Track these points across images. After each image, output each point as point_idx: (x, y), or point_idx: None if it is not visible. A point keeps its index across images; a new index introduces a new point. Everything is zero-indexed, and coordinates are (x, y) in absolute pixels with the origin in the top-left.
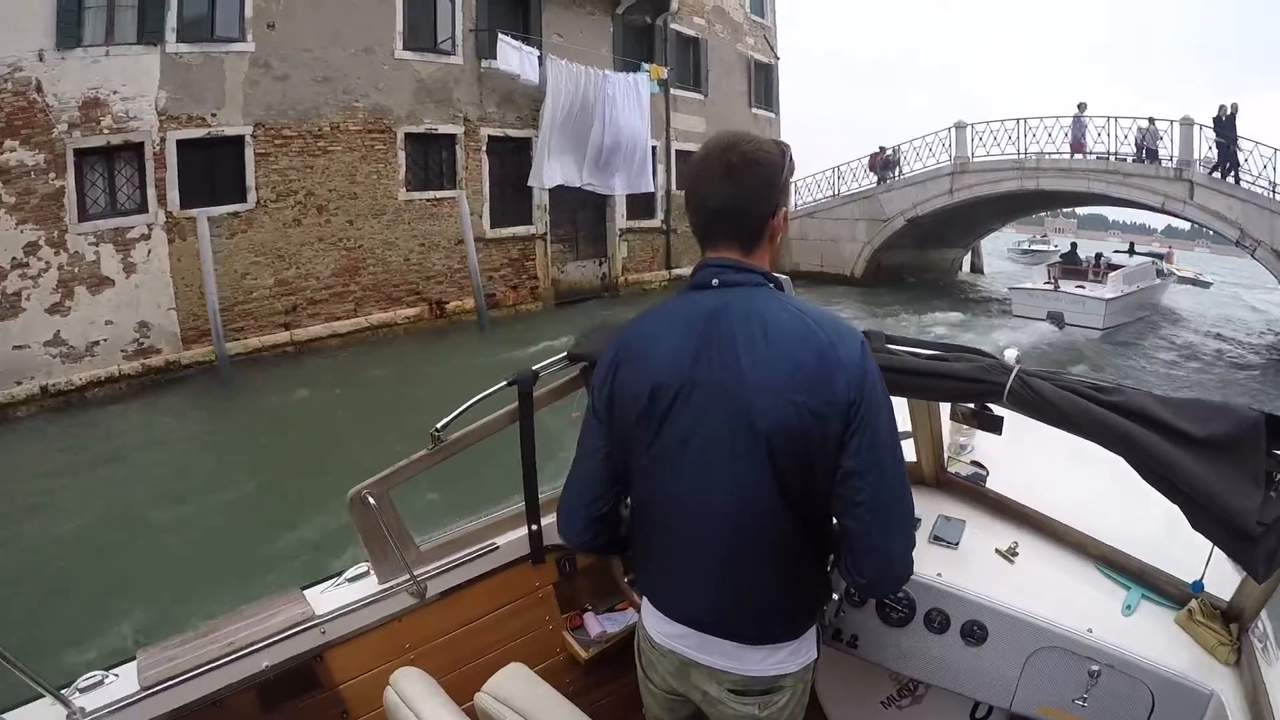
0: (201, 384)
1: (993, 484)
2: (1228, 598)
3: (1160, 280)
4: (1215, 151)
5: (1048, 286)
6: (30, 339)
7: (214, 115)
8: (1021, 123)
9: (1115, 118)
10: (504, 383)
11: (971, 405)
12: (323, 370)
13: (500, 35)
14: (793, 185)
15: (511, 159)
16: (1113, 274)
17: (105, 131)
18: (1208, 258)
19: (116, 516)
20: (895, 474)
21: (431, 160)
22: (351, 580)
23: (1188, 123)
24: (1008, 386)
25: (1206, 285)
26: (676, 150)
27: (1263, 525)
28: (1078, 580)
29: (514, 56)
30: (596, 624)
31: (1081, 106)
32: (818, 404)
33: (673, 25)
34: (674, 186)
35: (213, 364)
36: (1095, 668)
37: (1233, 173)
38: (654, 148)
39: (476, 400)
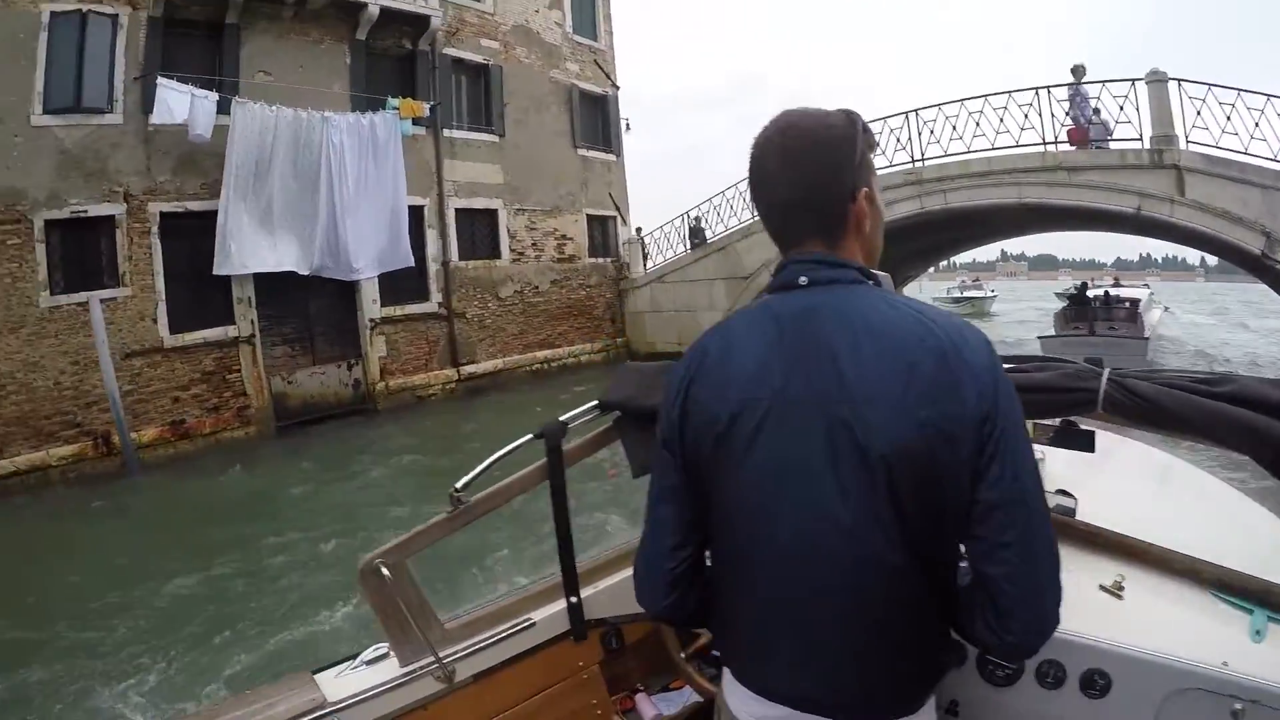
0: None
1: (1080, 514)
2: None
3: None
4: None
5: (1079, 332)
6: None
7: None
8: (912, 117)
9: (1048, 88)
10: (530, 436)
11: (1055, 421)
12: None
13: (160, 79)
14: (872, 160)
15: (197, 240)
16: (1141, 309)
17: None
18: (1158, 285)
19: None
20: (1041, 507)
21: (86, 252)
22: (370, 663)
23: (1159, 78)
24: (1101, 391)
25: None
26: (457, 209)
27: None
28: (1195, 611)
29: (179, 103)
30: (651, 706)
31: (1077, 71)
32: (944, 419)
33: (448, 50)
34: (454, 256)
35: None
36: (1239, 706)
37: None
38: (419, 208)
39: (500, 456)
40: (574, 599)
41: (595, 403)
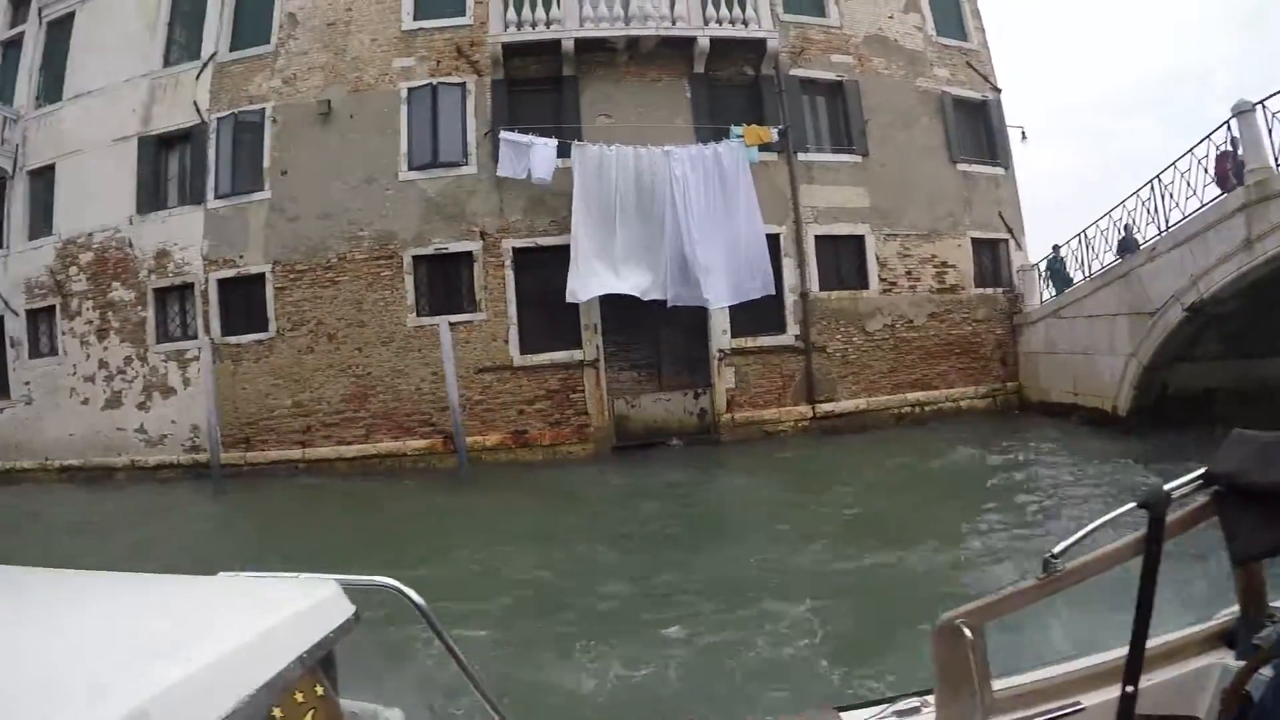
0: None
1: None
2: None
3: None
4: None
5: None
6: (126, 425)
7: (241, 257)
8: None
9: None
10: (1132, 504)
11: None
12: (310, 490)
13: (502, 133)
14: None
15: (546, 272)
16: None
17: (170, 275)
18: None
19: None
20: None
21: (447, 282)
22: (902, 715)
23: None
24: None
25: None
26: (817, 237)
27: None
28: None
29: (516, 156)
30: None
31: None
32: None
33: (795, 71)
34: (814, 287)
35: (240, 467)
36: None
37: None
38: (774, 236)
39: (1100, 524)
40: (1130, 688)
41: (1202, 471)
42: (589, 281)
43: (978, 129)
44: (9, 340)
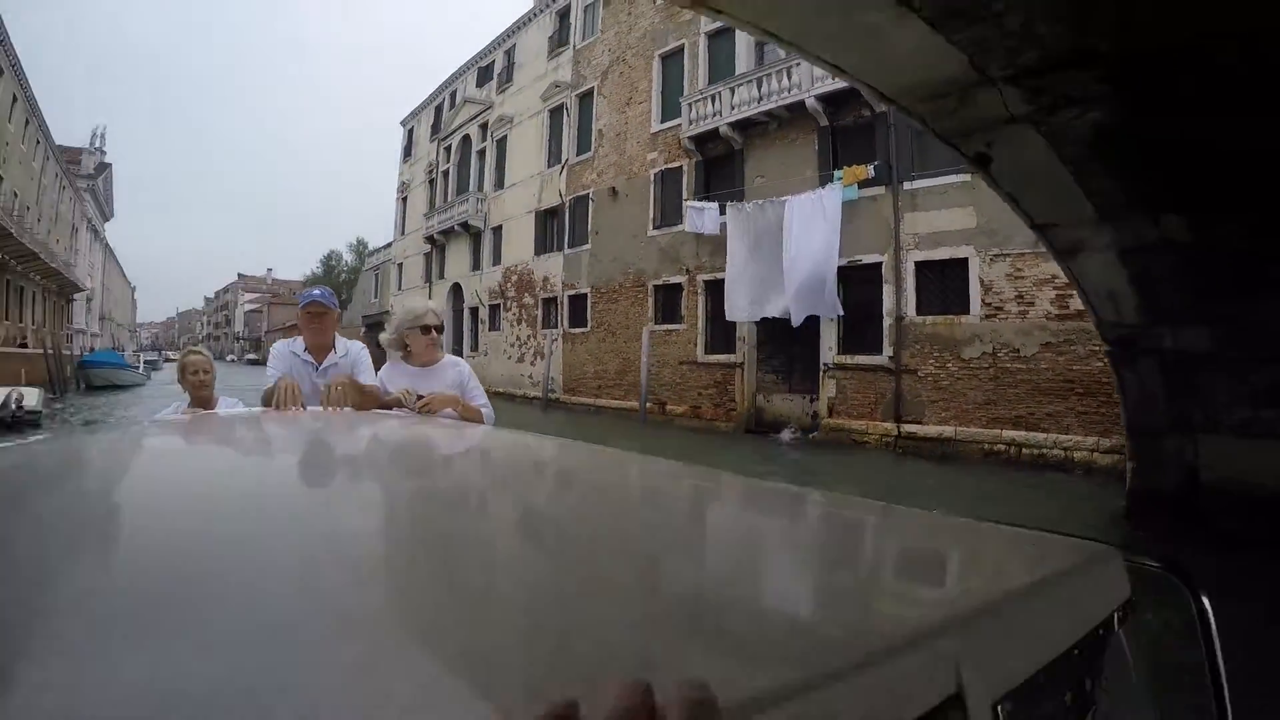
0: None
1: None
2: None
3: None
4: None
5: None
6: (522, 373)
7: (577, 283)
8: None
9: None
10: None
11: None
12: (582, 417)
13: (687, 202)
14: None
15: (721, 297)
16: None
17: (548, 290)
18: None
19: None
20: None
21: (667, 302)
22: None
23: None
24: None
25: None
26: (918, 262)
27: None
28: None
29: (696, 217)
30: None
31: None
32: None
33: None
34: (910, 311)
35: (565, 404)
36: None
37: None
38: (875, 265)
39: None
40: None
41: None
42: (735, 307)
43: None
44: (480, 321)
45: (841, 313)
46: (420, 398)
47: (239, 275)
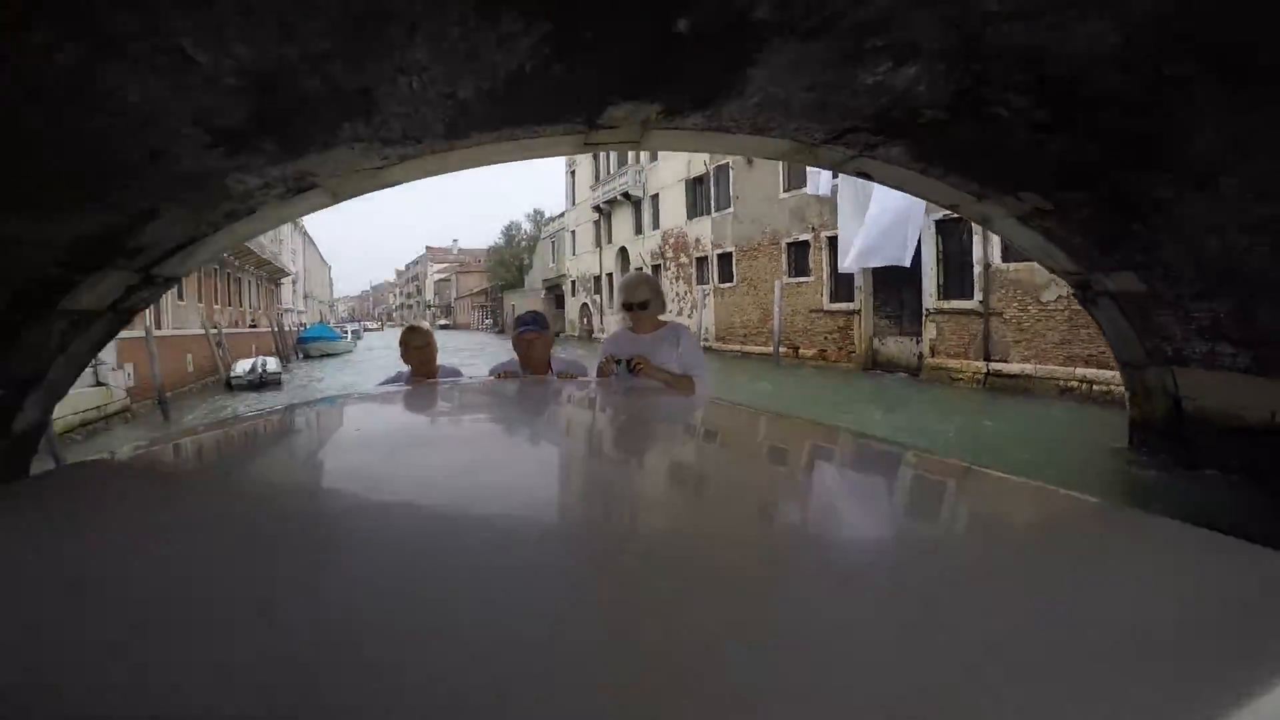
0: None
1: None
2: None
3: None
4: None
5: None
6: (679, 320)
7: (724, 243)
8: None
9: None
10: None
11: None
12: (732, 362)
13: (807, 167)
14: None
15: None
16: None
17: (699, 250)
18: None
19: None
20: None
21: (798, 257)
22: None
23: None
24: None
25: None
26: None
27: None
28: None
29: (814, 180)
30: None
31: None
32: None
33: None
34: (996, 259)
35: (719, 350)
36: None
37: None
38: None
39: None
40: None
41: None
42: (845, 259)
43: None
44: None
45: (906, 263)
46: (630, 366)
47: (426, 248)
